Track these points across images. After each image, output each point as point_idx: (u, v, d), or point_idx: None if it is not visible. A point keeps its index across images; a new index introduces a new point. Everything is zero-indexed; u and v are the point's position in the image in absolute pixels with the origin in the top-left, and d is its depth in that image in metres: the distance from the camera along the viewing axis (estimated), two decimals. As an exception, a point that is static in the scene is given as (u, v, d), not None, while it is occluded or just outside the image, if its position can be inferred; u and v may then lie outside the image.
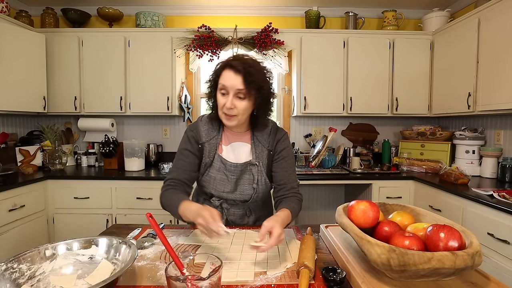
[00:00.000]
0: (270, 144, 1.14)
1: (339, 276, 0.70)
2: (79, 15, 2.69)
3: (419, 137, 2.67)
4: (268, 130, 1.14)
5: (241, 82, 0.97)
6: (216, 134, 1.14)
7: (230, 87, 0.98)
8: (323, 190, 2.98)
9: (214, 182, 1.14)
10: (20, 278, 0.70)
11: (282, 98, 2.96)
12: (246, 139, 1.15)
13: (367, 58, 2.58)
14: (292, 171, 1.14)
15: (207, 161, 1.13)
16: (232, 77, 0.97)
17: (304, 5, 2.81)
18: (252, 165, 1.13)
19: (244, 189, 1.15)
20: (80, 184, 2.29)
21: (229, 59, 1.01)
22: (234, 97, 0.99)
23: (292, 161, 1.16)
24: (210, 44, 2.56)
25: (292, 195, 1.10)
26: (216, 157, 1.13)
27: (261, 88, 1.00)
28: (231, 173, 1.13)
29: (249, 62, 0.99)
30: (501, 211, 1.49)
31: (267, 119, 1.12)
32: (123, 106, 2.57)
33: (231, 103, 0.98)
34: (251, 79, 0.96)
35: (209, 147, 1.13)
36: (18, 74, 2.27)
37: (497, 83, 1.92)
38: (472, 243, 0.63)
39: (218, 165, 1.13)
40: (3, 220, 1.89)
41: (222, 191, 1.15)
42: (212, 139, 1.13)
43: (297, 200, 1.10)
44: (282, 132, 1.17)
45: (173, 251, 0.67)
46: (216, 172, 1.13)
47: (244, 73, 0.96)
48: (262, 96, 1.01)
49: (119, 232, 1.10)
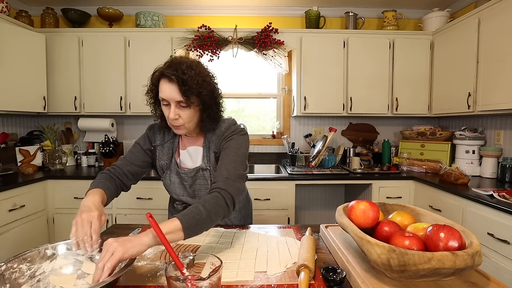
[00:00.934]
0: (216, 145, 1.08)
1: (339, 276, 0.70)
2: (79, 15, 2.69)
3: (419, 137, 2.67)
4: (219, 132, 1.08)
5: (177, 92, 0.92)
6: (172, 137, 1.13)
7: (169, 99, 0.94)
8: (323, 190, 2.98)
9: (173, 186, 1.14)
10: (20, 278, 0.70)
11: (282, 98, 2.96)
12: (199, 143, 1.12)
13: (367, 58, 2.58)
14: (229, 160, 0.99)
15: (163, 164, 1.13)
16: (168, 88, 0.93)
17: (304, 5, 2.81)
18: (203, 170, 1.09)
19: (201, 194, 1.13)
20: (80, 184, 2.28)
21: (163, 68, 0.96)
22: (176, 107, 0.95)
23: (234, 151, 1.02)
24: (210, 44, 2.56)
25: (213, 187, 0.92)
26: (173, 161, 1.12)
27: (200, 93, 0.95)
28: (184, 179, 1.12)
29: (182, 68, 0.92)
30: (501, 211, 1.49)
31: (218, 121, 1.08)
32: (123, 106, 2.57)
33: (174, 114, 0.95)
34: (186, 87, 0.91)
35: (163, 151, 1.13)
36: (18, 74, 2.27)
37: (497, 83, 1.92)
38: (472, 243, 0.63)
39: (175, 169, 1.12)
40: (3, 220, 1.89)
41: (182, 195, 1.15)
42: (167, 143, 1.13)
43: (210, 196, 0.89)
44: (231, 129, 1.07)
45: (173, 251, 0.67)
46: (175, 176, 1.13)
47: (178, 82, 0.91)
48: (204, 100, 0.97)
49: (119, 232, 1.10)
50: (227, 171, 0.96)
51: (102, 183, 1.00)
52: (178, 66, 0.93)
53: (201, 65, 1.01)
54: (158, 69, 0.98)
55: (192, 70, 0.94)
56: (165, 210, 1.27)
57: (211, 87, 1.00)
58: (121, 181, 1.09)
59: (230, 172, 0.96)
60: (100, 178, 1.03)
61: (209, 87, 0.99)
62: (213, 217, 0.84)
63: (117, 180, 1.08)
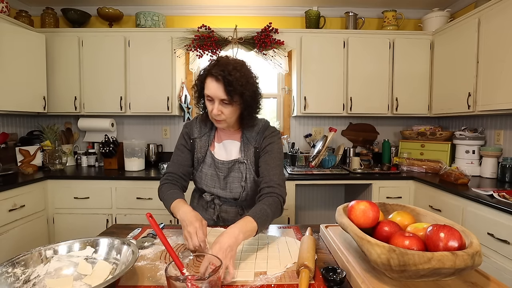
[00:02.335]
0: (257, 141, 1.16)
1: (339, 276, 0.70)
2: (79, 15, 2.69)
3: (419, 137, 2.67)
4: (257, 128, 1.17)
5: (222, 91, 0.99)
6: (208, 131, 1.20)
7: (214, 96, 1.02)
8: (323, 190, 2.98)
9: (205, 177, 1.19)
10: (15, 282, 0.69)
11: (282, 98, 2.96)
12: (236, 137, 1.19)
13: (367, 58, 2.58)
14: (275, 165, 1.10)
15: (199, 156, 1.18)
16: (214, 86, 1.00)
17: (304, 5, 2.81)
18: (240, 163, 1.15)
19: (233, 187, 1.17)
20: (80, 184, 2.28)
21: (211, 66, 1.03)
22: (220, 104, 1.03)
23: (277, 156, 1.12)
24: (210, 44, 2.56)
25: (268, 191, 1.02)
26: (208, 153, 1.18)
27: (243, 94, 1.02)
28: (220, 170, 1.17)
29: (228, 69, 0.99)
30: (501, 211, 1.49)
31: (255, 118, 1.16)
32: (123, 106, 2.57)
33: (217, 110, 1.03)
34: (231, 88, 0.98)
35: (201, 143, 1.18)
36: (18, 74, 2.27)
37: (497, 83, 1.92)
38: (472, 243, 0.63)
39: (209, 161, 1.18)
40: (3, 220, 1.89)
41: (213, 187, 1.18)
42: (204, 136, 1.19)
43: (271, 199, 0.99)
44: (270, 129, 1.18)
45: (173, 251, 0.67)
46: (208, 168, 1.18)
47: (224, 82, 0.98)
48: (245, 100, 1.04)
49: (119, 232, 1.10)
50: (277, 176, 1.07)
51: (176, 192, 1.06)
52: (225, 66, 1.00)
53: (245, 66, 1.07)
54: (205, 68, 1.05)
55: (237, 71, 1.00)
56: (164, 210, 1.27)
57: (253, 88, 1.07)
58: (181, 184, 1.17)
59: (280, 177, 1.07)
60: (168, 188, 1.09)
61: (252, 88, 1.06)
62: (273, 218, 0.98)
63: (179, 185, 1.15)
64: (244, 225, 0.84)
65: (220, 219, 1.22)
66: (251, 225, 0.86)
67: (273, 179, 1.05)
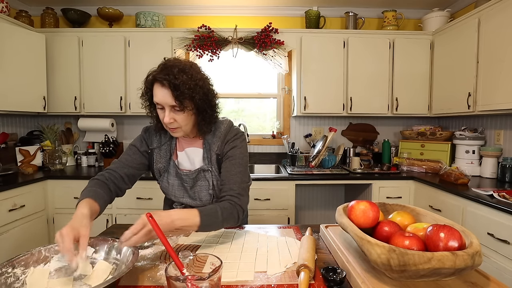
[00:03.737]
0: (218, 148, 1.09)
1: (339, 276, 0.70)
2: (79, 15, 2.69)
3: (419, 137, 2.67)
4: (219, 133, 1.09)
5: (170, 97, 0.93)
6: (169, 139, 1.13)
7: (163, 103, 0.95)
8: (323, 190, 2.98)
9: (172, 188, 1.14)
10: (15, 282, 0.69)
11: (282, 98, 2.96)
12: (198, 144, 1.12)
13: (367, 58, 2.58)
14: (235, 172, 1.04)
15: (161, 167, 1.12)
16: (161, 92, 0.94)
17: (304, 5, 2.81)
18: (205, 171, 1.10)
19: (202, 195, 1.13)
20: (80, 184, 2.28)
21: (156, 72, 0.96)
22: (171, 111, 0.96)
23: (239, 161, 1.07)
24: (210, 44, 2.56)
25: (227, 198, 0.99)
26: (172, 163, 1.12)
27: (193, 97, 0.95)
28: (185, 181, 1.12)
29: (173, 72, 0.92)
30: (501, 211, 1.49)
31: (214, 122, 1.09)
32: (123, 106, 2.57)
33: (169, 118, 0.96)
34: (178, 92, 0.92)
35: (161, 153, 1.13)
36: (18, 74, 2.27)
37: (497, 83, 1.92)
38: (472, 243, 0.63)
39: (174, 171, 1.12)
40: (3, 220, 1.89)
41: (182, 197, 1.14)
42: (164, 145, 1.13)
43: (226, 204, 0.97)
44: (232, 133, 1.10)
45: (173, 251, 0.67)
46: (174, 178, 1.13)
47: (170, 87, 0.92)
48: (197, 104, 0.98)
49: (119, 232, 1.10)
50: (238, 185, 1.02)
51: (93, 191, 0.97)
52: (170, 70, 0.93)
53: (194, 67, 1.00)
54: (151, 73, 0.98)
55: (184, 74, 0.93)
56: (164, 210, 1.28)
57: (204, 90, 0.99)
58: (116, 186, 1.07)
59: (240, 186, 1.03)
60: (91, 185, 1.00)
61: (202, 90, 0.98)
62: (224, 224, 0.95)
63: (112, 185, 1.05)
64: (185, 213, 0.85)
65: None
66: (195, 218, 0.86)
67: (233, 188, 1.01)
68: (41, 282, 0.70)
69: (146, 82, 1.00)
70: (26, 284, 0.70)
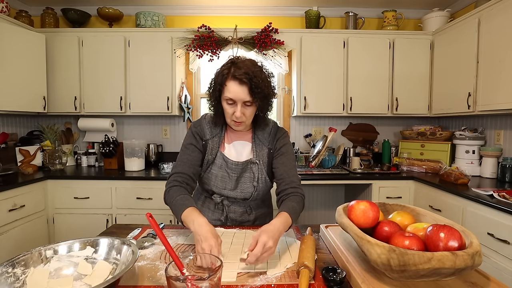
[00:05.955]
0: (270, 142, 1.16)
1: (339, 276, 0.70)
2: (79, 15, 2.69)
3: (419, 137, 2.67)
4: (269, 129, 1.17)
5: (247, 93, 0.99)
6: (219, 132, 1.17)
7: (237, 99, 1.00)
8: (323, 190, 2.98)
9: (215, 179, 1.16)
10: (15, 282, 0.69)
11: (282, 98, 2.96)
12: (247, 138, 1.18)
13: (367, 58, 2.58)
14: (292, 166, 1.14)
15: (209, 158, 1.15)
16: (238, 89, 0.99)
17: (304, 5, 2.81)
18: (252, 163, 1.15)
19: (244, 187, 1.16)
20: (80, 184, 2.28)
21: (233, 70, 1.00)
22: (242, 106, 1.02)
23: (292, 157, 1.16)
24: (210, 44, 2.56)
25: (292, 191, 1.08)
26: (219, 154, 1.15)
27: (266, 94, 1.03)
28: (232, 171, 1.15)
29: (252, 71, 0.98)
30: (501, 211, 1.49)
31: (267, 118, 1.16)
32: (123, 106, 2.57)
33: (240, 112, 1.02)
34: (257, 90, 0.98)
35: (212, 145, 1.16)
36: (18, 74, 2.27)
37: (497, 83, 1.92)
38: (472, 243, 0.63)
39: (220, 162, 1.15)
40: (3, 220, 1.89)
41: (223, 189, 1.16)
42: (215, 137, 1.16)
43: (298, 198, 1.07)
44: (282, 131, 1.20)
45: (173, 251, 0.67)
46: (218, 169, 1.15)
47: (250, 85, 0.98)
48: (263, 100, 1.04)
49: (119, 232, 1.10)
50: (296, 177, 1.13)
51: (187, 199, 1.00)
52: (247, 68, 0.99)
53: (263, 67, 1.07)
54: (226, 70, 1.01)
55: (261, 72, 1.02)
56: (164, 210, 1.27)
57: (273, 88, 1.08)
58: (190, 187, 1.11)
59: (298, 178, 1.13)
60: (178, 192, 1.02)
61: (272, 88, 1.07)
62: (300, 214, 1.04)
63: (189, 188, 1.09)
64: (284, 220, 0.91)
65: (228, 219, 1.21)
66: (289, 220, 0.93)
67: (294, 180, 1.11)
68: (41, 282, 0.70)
69: (218, 78, 1.04)
70: (26, 284, 0.69)
